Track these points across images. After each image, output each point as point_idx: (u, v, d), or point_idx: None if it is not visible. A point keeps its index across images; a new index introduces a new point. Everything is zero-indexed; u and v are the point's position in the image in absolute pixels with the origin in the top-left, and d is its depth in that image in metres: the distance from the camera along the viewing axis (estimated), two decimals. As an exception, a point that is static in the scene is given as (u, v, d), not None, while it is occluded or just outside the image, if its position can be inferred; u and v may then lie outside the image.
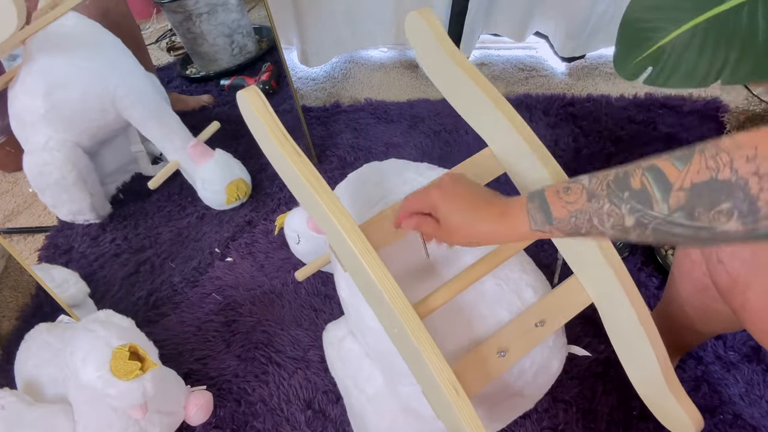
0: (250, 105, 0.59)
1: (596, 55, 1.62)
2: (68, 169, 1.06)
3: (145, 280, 1.13)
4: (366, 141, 1.39)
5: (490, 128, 0.66)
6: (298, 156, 0.57)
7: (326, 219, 0.57)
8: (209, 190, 1.20)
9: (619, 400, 0.87)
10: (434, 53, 0.65)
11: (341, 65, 1.71)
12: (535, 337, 0.62)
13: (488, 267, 0.60)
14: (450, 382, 0.51)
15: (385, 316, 0.58)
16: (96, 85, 1.05)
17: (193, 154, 1.16)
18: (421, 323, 0.53)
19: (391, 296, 0.53)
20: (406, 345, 0.56)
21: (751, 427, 0.83)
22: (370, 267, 0.54)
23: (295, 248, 0.95)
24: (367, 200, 0.71)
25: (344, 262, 0.62)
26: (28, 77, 1.00)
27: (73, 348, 0.71)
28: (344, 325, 0.77)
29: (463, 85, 0.64)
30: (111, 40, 1.10)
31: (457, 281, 0.59)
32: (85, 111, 1.06)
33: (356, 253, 0.54)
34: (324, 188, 0.56)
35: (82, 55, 1.04)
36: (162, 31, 1.67)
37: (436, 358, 0.52)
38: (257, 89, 0.60)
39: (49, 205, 1.15)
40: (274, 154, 0.60)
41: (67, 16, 0.99)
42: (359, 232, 0.55)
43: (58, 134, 1.05)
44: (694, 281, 0.66)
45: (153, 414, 0.81)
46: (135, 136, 1.23)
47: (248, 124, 0.63)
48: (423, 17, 0.64)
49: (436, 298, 0.58)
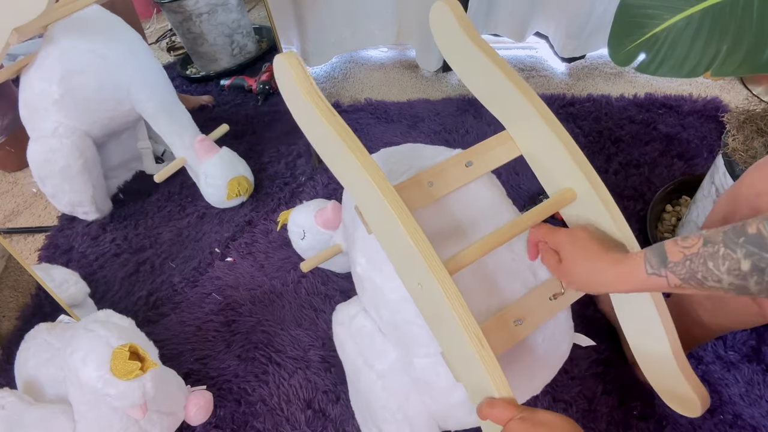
0: (289, 68, 0.59)
1: (596, 55, 1.62)
2: (75, 156, 1.05)
3: (145, 280, 1.13)
4: (366, 141, 1.39)
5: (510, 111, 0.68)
6: (333, 116, 0.58)
7: (360, 177, 0.58)
8: (211, 185, 1.20)
9: (619, 400, 0.87)
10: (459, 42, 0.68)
11: (341, 65, 1.71)
12: (550, 310, 0.64)
13: (512, 232, 0.62)
14: (476, 334, 0.52)
15: (410, 273, 0.59)
16: (114, 75, 1.05)
17: (199, 149, 1.16)
18: (450, 277, 0.54)
19: (422, 250, 0.54)
20: (431, 299, 0.56)
21: (751, 427, 0.83)
22: (403, 222, 0.55)
23: (298, 244, 0.96)
24: (390, 173, 0.72)
25: (373, 222, 0.63)
26: (46, 60, 1.00)
27: (73, 348, 0.71)
28: (356, 304, 0.77)
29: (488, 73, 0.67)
30: (131, 32, 1.10)
31: (484, 242, 0.60)
32: (100, 100, 1.06)
33: (390, 209, 0.55)
34: (360, 148, 0.57)
35: (103, 43, 1.03)
36: (162, 31, 1.67)
37: (463, 311, 0.53)
38: (295, 53, 0.61)
39: (48, 195, 1.13)
40: (310, 117, 0.61)
41: (91, 7, 0.99)
42: (393, 190, 0.56)
43: (68, 121, 1.04)
44: None
45: (153, 414, 0.81)
46: (143, 132, 1.24)
47: (281, 89, 0.64)
48: (449, 6, 0.67)
49: (464, 256, 0.59)
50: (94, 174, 1.12)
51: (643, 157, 1.27)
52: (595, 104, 1.42)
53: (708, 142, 1.29)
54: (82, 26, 1.02)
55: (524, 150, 0.69)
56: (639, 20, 0.78)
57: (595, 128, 1.35)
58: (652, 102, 1.41)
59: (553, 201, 0.65)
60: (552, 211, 0.64)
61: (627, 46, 0.80)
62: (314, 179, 1.31)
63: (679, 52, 0.76)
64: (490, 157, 0.68)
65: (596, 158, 1.27)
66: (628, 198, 1.18)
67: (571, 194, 0.65)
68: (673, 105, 1.40)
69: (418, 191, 0.64)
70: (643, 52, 0.79)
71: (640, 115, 1.38)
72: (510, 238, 0.62)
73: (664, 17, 0.77)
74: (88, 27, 1.03)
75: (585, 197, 0.63)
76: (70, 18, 0.95)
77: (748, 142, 0.85)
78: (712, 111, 1.37)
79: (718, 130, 1.31)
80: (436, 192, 0.65)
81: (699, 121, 1.35)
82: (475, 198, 0.70)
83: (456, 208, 0.69)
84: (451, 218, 0.69)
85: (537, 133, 0.65)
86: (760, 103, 0.93)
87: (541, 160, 0.67)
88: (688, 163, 1.24)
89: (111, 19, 1.07)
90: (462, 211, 0.69)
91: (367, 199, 0.60)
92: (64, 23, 0.97)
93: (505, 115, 0.70)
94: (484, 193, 0.71)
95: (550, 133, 0.63)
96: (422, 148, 0.77)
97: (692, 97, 1.41)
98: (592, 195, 0.62)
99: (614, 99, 1.43)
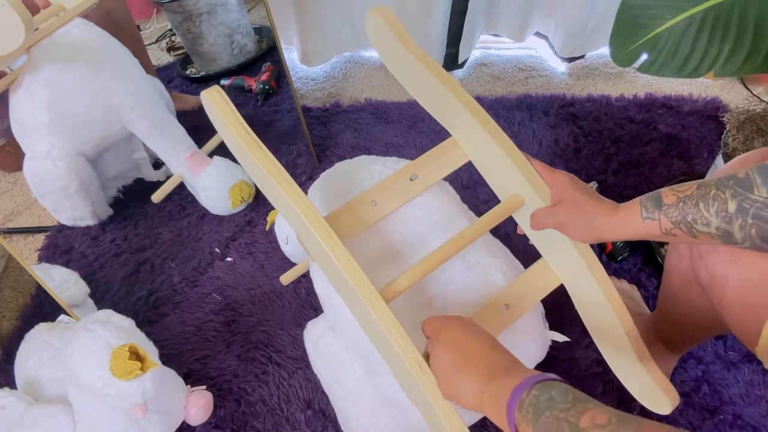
0: (212, 104, 0.59)
1: (596, 55, 1.62)
2: (71, 178, 1.05)
3: (145, 280, 1.13)
4: (366, 141, 1.39)
5: (451, 117, 0.67)
6: (261, 150, 0.58)
7: (291, 211, 0.57)
8: (212, 198, 1.19)
9: (619, 400, 0.87)
10: (394, 50, 0.67)
11: (341, 65, 1.71)
12: (505, 320, 0.63)
13: (453, 250, 0.61)
14: (414, 359, 0.52)
15: (352, 302, 0.58)
16: (101, 98, 1.04)
17: (191, 164, 1.15)
18: (385, 306, 0.53)
19: (355, 280, 0.54)
20: (373, 329, 0.56)
21: (752, 427, 0.83)
22: (335, 255, 0.54)
23: (284, 248, 0.95)
24: (336, 194, 0.71)
25: (311, 252, 0.63)
26: (32, 85, 0.99)
27: (73, 348, 0.71)
28: (323, 322, 0.77)
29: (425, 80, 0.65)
30: (118, 49, 1.08)
31: (421, 265, 0.60)
32: (90, 123, 1.05)
33: (321, 242, 0.55)
34: (288, 181, 0.57)
35: (89, 65, 1.02)
36: (162, 31, 1.67)
37: (400, 338, 0.52)
38: (219, 88, 0.60)
39: (50, 210, 1.14)
40: (239, 152, 0.61)
41: (73, 23, 0.97)
42: (323, 221, 0.56)
43: (61, 143, 1.04)
44: (680, 275, 0.67)
45: (153, 414, 0.81)
46: (138, 143, 1.22)
47: (214, 124, 0.64)
48: (381, 15, 0.65)
49: (400, 283, 0.59)
50: (91, 190, 1.12)
51: (643, 157, 1.27)
52: (595, 104, 1.42)
53: (708, 142, 1.29)
54: (67, 48, 1.00)
55: (471, 156, 0.68)
56: (640, 21, 0.78)
57: (595, 128, 1.35)
58: (652, 102, 1.41)
59: (502, 207, 0.64)
60: (501, 217, 0.64)
61: (629, 47, 0.80)
62: (314, 179, 1.30)
63: (682, 52, 0.76)
64: (436, 167, 0.67)
65: (596, 158, 1.27)
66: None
67: (519, 200, 0.64)
68: (673, 105, 1.40)
69: (360, 213, 0.63)
70: (645, 53, 0.79)
71: (640, 115, 1.38)
72: (450, 256, 0.61)
73: (666, 17, 0.76)
74: (73, 48, 1.01)
75: (532, 203, 0.62)
76: (54, 39, 0.93)
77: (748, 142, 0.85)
78: (712, 111, 1.37)
79: (718, 130, 1.31)
80: (381, 211, 0.65)
81: (699, 121, 1.35)
82: (423, 212, 0.69)
83: (403, 225, 0.68)
84: (397, 236, 0.67)
85: (478, 140, 0.64)
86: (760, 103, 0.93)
87: (486, 166, 0.66)
88: (688, 163, 1.24)
89: (97, 36, 1.06)
90: (409, 228, 0.68)
91: (303, 232, 0.59)
92: (48, 44, 0.95)
93: (448, 122, 0.69)
94: (433, 205, 0.70)
95: (490, 141, 0.62)
96: (372, 162, 0.76)
97: (692, 97, 1.41)
98: (538, 201, 0.61)
99: (614, 99, 1.43)
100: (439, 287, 0.65)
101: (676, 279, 0.69)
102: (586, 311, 0.66)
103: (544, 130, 1.36)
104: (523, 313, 0.64)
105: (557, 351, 0.92)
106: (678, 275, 0.68)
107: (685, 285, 0.67)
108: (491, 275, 0.67)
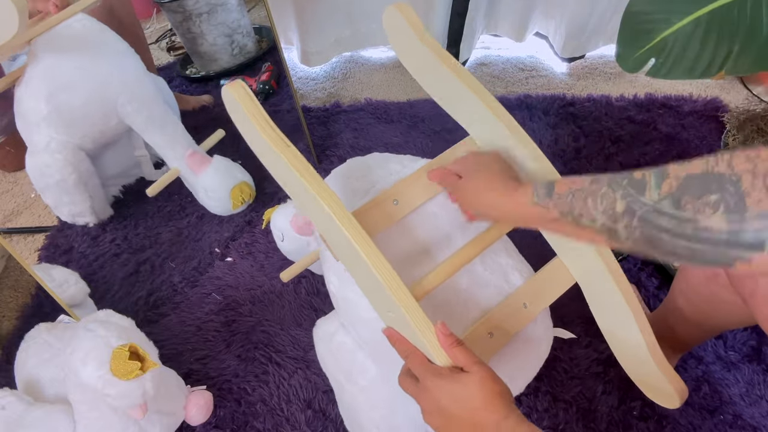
0: (236, 99, 0.58)
1: (596, 55, 1.62)
2: (68, 171, 1.05)
3: (145, 280, 1.13)
4: (366, 141, 1.39)
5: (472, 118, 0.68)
6: (286, 146, 0.57)
7: (317, 207, 0.56)
8: (213, 198, 1.19)
9: (619, 400, 0.87)
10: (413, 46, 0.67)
11: (341, 65, 1.71)
12: (523, 318, 0.63)
13: (477, 249, 0.62)
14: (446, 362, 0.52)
15: (380, 301, 0.58)
16: (99, 91, 1.04)
17: (191, 164, 1.14)
18: (416, 304, 0.53)
19: (386, 279, 0.53)
20: (403, 328, 0.56)
21: (752, 427, 0.83)
22: (364, 252, 0.54)
23: (280, 245, 0.95)
24: (353, 193, 0.71)
25: (336, 250, 0.62)
26: (32, 79, 1.00)
27: (73, 348, 0.71)
28: (335, 320, 0.77)
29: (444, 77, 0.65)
30: (118, 44, 1.09)
31: (448, 264, 0.60)
32: (87, 115, 1.06)
33: (349, 238, 0.54)
34: (314, 176, 0.56)
35: (88, 58, 1.03)
36: (162, 31, 1.67)
37: (433, 338, 0.52)
38: (242, 83, 0.59)
39: (50, 206, 1.14)
40: (262, 148, 0.60)
41: (75, 17, 0.98)
42: (351, 218, 0.55)
43: (59, 136, 1.04)
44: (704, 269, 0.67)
45: (153, 414, 0.81)
46: (139, 140, 1.22)
47: (234, 120, 0.63)
48: (401, 12, 0.65)
49: (429, 280, 0.59)
50: (90, 186, 1.12)
51: (643, 157, 1.27)
52: (595, 104, 1.42)
53: (708, 142, 1.29)
54: (67, 41, 1.01)
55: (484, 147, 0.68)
56: (646, 26, 0.78)
57: (595, 128, 1.35)
58: (652, 102, 1.41)
59: None
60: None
61: (636, 53, 0.80)
62: (314, 179, 1.31)
63: (690, 54, 0.76)
64: None
65: (596, 158, 1.27)
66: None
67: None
68: (673, 105, 1.40)
69: (383, 211, 0.63)
70: (652, 58, 0.79)
71: (640, 115, 1.38)
72: (475, 255, 0.61)
73: (672, 21, 0.76)
74: (73, 41, 1.02)
75: None
76: (55, 32, 0.94)
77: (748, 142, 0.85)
78: (712, 111, 1.37)
79: (718, 130, 1.31)
80: (403, 210, 0.65)
81: (699, 121, 1.35)
82: (444, 211, 0.69)
83: (425, 224, 0.68)
84: (420, 235, 0.67)
85: (498, 140, 0.64)
86: (760, 103, 0.93)
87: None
88: (688, 163, 1.24)
89: (97, 31, 1.06)
90: (431, 227, 0.68)
91: (329, 229, 0.59)
92: (49, 38, 0.96)
93: (465, 120, 0.69)
94: (452, 204, 0.69)
95: (511, 137, 0.62)
96: (388, 160, 0.76)
97: (692, 97, 1.41)
98: None
99: (614, 99, 1.43)
100: (458, 286, 0.65)
101: (698, 273, 0.68)
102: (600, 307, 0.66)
103: (544, 130, 1.36)
104: (540, 310, 0.64)
105: (557, 350, 0.92)
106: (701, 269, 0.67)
107: (710, 278, 0.66)
108: (509, 274, 0.67)
